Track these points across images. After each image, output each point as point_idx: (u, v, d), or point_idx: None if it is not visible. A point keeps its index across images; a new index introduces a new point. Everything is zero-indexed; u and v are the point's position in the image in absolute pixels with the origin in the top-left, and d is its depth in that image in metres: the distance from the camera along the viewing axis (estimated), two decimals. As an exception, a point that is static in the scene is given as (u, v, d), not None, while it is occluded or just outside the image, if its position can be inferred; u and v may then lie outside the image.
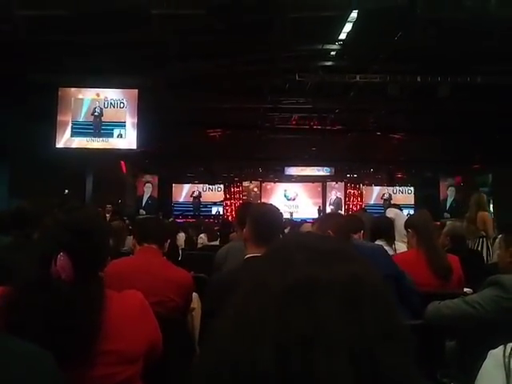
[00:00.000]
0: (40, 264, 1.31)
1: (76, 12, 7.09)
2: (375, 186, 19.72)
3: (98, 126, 10.60)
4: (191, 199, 19.25)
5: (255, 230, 2.13)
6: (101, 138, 10.63)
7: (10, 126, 9.85)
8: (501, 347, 1.15)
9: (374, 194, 19.64)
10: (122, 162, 15.56)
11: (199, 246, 6.31)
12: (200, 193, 19.25)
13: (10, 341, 0.87)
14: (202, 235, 6.66)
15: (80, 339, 1.26)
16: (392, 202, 17.70)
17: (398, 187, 19.51)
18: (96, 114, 10.60)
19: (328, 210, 19.43)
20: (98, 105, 10.64)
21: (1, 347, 0.82)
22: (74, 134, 10.55)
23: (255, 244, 2.10)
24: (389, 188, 19.49)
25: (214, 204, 19.42)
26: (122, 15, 7.17)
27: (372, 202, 19.26)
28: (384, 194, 19.23)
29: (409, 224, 3.26)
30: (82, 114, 10.61)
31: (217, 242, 6.40)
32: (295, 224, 8.34)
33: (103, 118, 10.69)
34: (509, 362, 1.10)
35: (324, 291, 0.50)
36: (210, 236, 6.59)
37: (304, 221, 10.14)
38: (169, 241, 2.49)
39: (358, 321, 0.49)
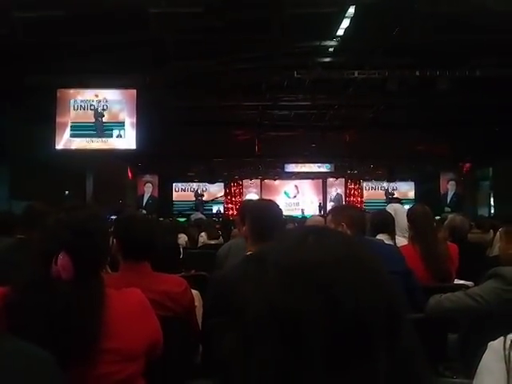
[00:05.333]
0: (40, 263, 1.31)
1: (72, 13, 7.07)
2: (375, 181, 19.70)
3: (100, 126, 10.59)
4: (193, 198, 19.23)
5: (254, 228, 2.09)
6: (100, 139, 10.62)
7: (8, 128, 9.85)
8: (500, 339, 1.12)
9: (376, 190, 19.64)
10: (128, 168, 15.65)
11: (200, 244, 6.30)
12: (203, 191, 19.23)
13: (10, 342, 0.86)
14: (202, 233, 6.63)
15: (81, 338, 1.26)
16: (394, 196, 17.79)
17: (398, 182, 19.48)
18: (98, 114, 10.59)
19: (329, 206, 19.43)
20: (99, 105, 10.62)
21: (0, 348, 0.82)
22: (73, 135, 10.54)
23: (255, 241, 2.08)
24: (389, 183, 19.46)
25: (213, 201, 19.39)
26: (119, 15, 7.15)
27: (374, 198, 19.25)
28: (391, 190, 19.22)
29: (408, 218, 3.27)
30: (84, 115, 10.61)
31: (218, 241, 6.39)
32: (298, 221, 8.32)
33: (103, 118, 10.68)
34: (509, 354, 1.07)
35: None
36: (209, 234, 6.56)
37: (305, 218, 10.13)
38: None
39: None
